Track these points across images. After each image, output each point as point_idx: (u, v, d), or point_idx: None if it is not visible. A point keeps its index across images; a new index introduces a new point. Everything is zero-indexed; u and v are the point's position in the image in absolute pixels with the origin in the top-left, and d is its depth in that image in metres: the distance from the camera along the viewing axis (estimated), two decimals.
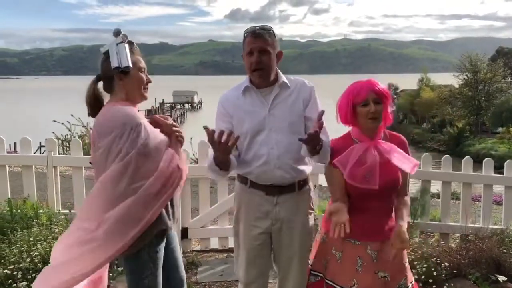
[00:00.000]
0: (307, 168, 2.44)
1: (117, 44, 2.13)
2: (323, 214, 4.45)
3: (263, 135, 2.34)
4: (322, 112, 2.15)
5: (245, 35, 2.33)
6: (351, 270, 2.29)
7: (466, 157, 4.79)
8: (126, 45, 2.14)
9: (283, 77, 2.39)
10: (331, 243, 2.37)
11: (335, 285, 2.33)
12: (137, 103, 2.24)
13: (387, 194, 2.30)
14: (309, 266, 2.48)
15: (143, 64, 2.22)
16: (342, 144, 2.32)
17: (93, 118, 2.20)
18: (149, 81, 2.24)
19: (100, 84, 2.23)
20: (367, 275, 2.26)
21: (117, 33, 2.15)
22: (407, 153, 2.33)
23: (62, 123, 9.33)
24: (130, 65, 2.13)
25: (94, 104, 2.20)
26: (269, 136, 2.34)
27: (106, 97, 2.23)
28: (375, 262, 2.28)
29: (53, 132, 9.35)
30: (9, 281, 3.28)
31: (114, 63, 2.11)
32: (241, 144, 2.38)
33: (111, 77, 2.16)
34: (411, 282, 2.37)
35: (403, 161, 2.25)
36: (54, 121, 9.32)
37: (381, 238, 2.29)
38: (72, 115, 9.27)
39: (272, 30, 2.33)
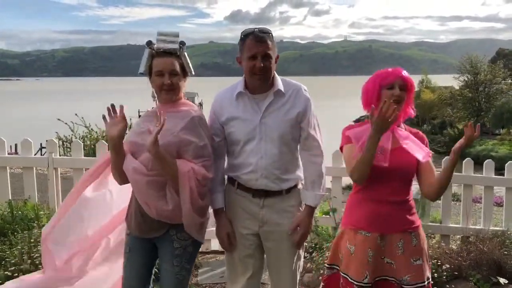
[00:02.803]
0: (295, 177, 2.43)
1: (145, 49, 2.29)
2: (323, 215, 4.48)
3: (253, 144, 2.32)
4: None
5: (244, 37, 2.28)
6: (363, 262, 2.30)
7: (467, 158, 4.79)
8: (147, 51, 2.27)
9: (279, 83, 2.34)
10: (346, 237, 2.40)
11: (348, 278, 2.34)
12: (163, 103, 2.31)
13: (400, 183, 2.30)
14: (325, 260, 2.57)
15: (159, 67, 2.25)
16: (361, 126, 2.35)
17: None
18: (164, 84, 2.24)
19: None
20: (375, 263, 2.30)
21: (148, 43, 2.29)
22: (427, 146, 2.33)
23: (66, 123, 9.35)
24: (141, 71, 2.29)
25: None
26: (259, 145, 2.31)
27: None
28: (382, 249, 2.31)
29: (56, 132, 9.35)
30: None
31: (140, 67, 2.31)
32: (232, 150, 2.39)
33: None
34: (420, 282, 2.29)
35: (417, 149, 2.25)
36: (59, 119, 9.32)
37: (392, 231, 2.31)
38: (76, 114, 9.28)
39: (271, 33, 2.30)
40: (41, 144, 19.13)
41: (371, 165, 2.19)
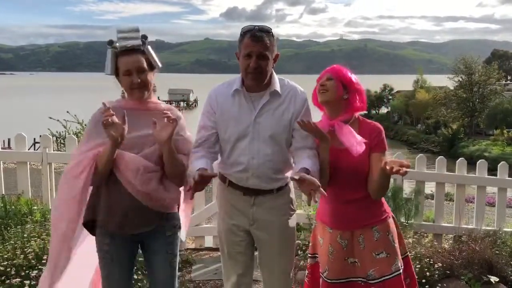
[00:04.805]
0: (286, 177, 2.40)
1: (107, 49, 2.25)
2: (315, 213, 4.49)
3: (245, 142, 2.29)
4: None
5: (243, 34, 2.23)
6: (325, 257, 2.39)
7: (460, 158, 4.83)
8: (110, 51, 2.23)
9: (276, 84, 2.31)
10: (318, 229, 2.50)
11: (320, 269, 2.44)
12: (137, 100, 2.27)
13: (354, 182, 2.30)
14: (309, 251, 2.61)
15: (126, 66, 2.20)
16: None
17: (89, 115, 2.31)
18: (133, 83, 2.20)
19: None
20: (336, 262, 2.35)
21: (109, 42, 2.26)
22: (379, 140, 2.30)
23: (58, 120, 9.29)
24: (107, 72, 2.26)
25: None
26: (252, 144, 2.29)
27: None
28: (345, 250, 2.36)
29: (49, 129, 9.31)
30: (3, 278, 3.27)
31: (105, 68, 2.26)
32: (224, 147, 2.37)
33: None
34: (386, 275, 2.29)
35: (351, 141, 2.24)
36: (50, 118, 9.27)
37: (351, 228, 2.35)
38: (67, 112, 9.24)
39: (272, 31, 2.24)
40: (34, 139, 19.05)
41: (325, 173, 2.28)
